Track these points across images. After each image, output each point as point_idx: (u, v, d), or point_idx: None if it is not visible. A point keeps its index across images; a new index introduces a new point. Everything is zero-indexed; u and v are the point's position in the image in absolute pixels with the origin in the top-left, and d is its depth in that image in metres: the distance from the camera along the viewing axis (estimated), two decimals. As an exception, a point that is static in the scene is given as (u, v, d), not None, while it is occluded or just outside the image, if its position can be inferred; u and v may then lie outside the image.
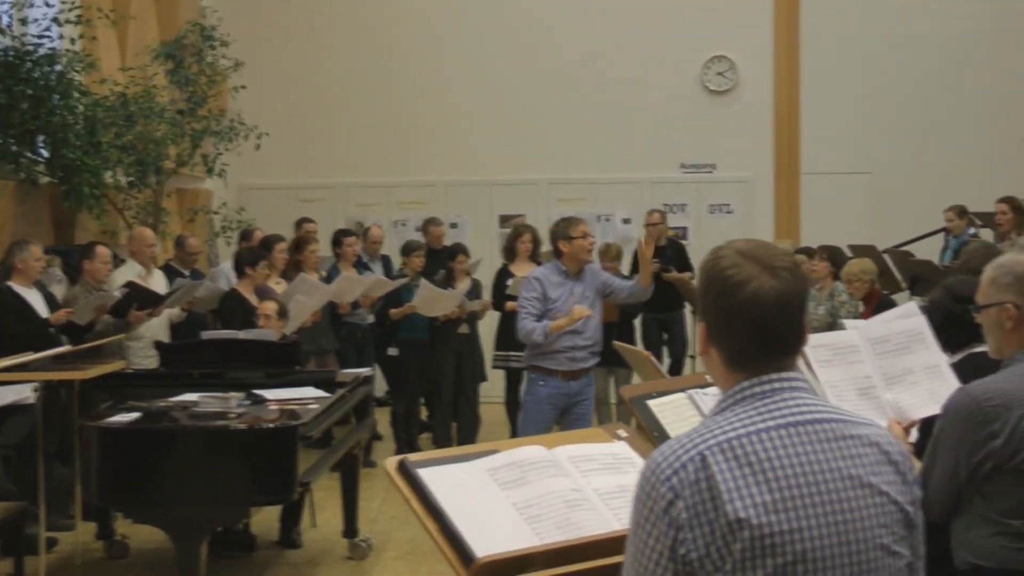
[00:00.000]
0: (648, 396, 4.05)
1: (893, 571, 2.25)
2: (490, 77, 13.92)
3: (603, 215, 13.61)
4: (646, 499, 2.18)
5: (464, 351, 10.53)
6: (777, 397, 2.26)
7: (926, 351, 4.19)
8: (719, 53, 13.82)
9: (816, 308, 9.69)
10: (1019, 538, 3.44)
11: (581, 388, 7.52)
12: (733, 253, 2.31)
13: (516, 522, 2.89)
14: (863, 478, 2.24)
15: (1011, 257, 3.71)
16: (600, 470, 3.13)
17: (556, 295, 7.39)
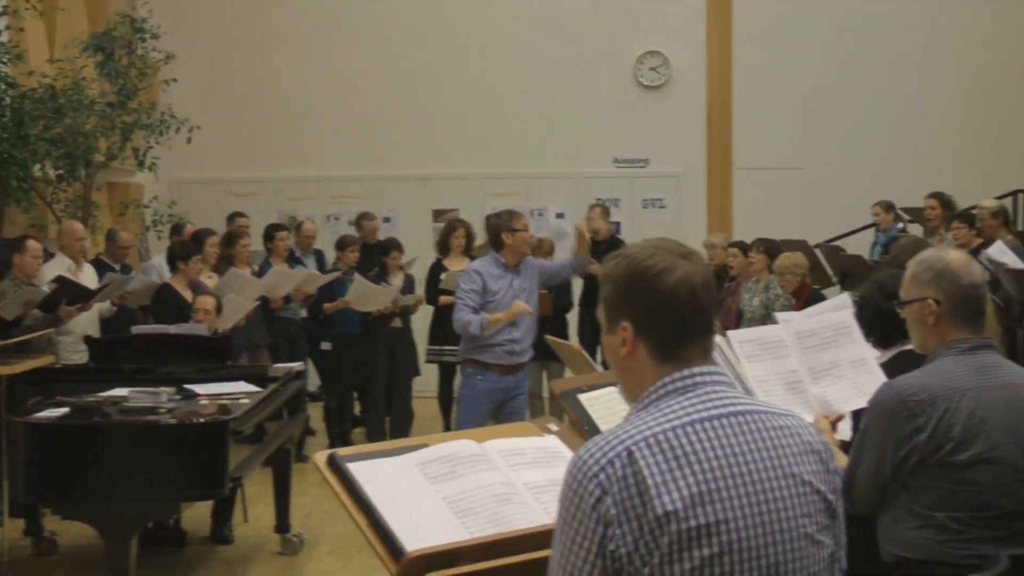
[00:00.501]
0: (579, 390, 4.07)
1: (817, 560, 2.28)
2: (424, 71, 13.89)
3: (536, 210, 13.62)
4: (573, 496, 2.20)
5: (397, 346, 10.52)
6: (700, 391, 2.30)
7: (852, 345, 4.23)
8: (652, 48, 13.89)
9: (751, 300, 9.78)
10: (943, 530, 3.48)
11: (517, 382, 7.54)
12: (645, 247, 2.38)
13: (446, 516, 2.89)
14: (787, 468, 2.28)
15: (932, 253, 3.76)
16: (530, 464, 3.14)
17: (496, 288, 7.39)
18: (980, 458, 3.46)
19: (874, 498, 3.61)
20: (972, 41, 13.61)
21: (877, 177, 13.16)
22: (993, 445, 3.47)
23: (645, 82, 13.94)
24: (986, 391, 3.53)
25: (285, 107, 14.02)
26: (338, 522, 7.84)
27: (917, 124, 13.61)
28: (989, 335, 3.74)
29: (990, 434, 3.48)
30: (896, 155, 13.52)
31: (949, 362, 3.60)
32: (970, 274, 3.63)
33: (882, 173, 13.27)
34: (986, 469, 3.46)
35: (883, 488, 3.57)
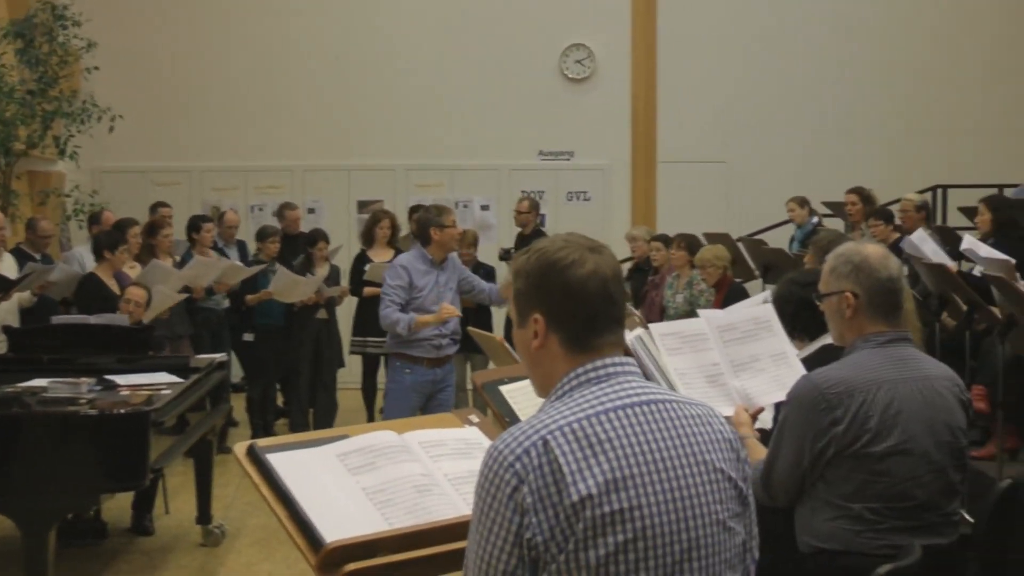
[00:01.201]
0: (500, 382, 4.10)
1: (729, 547, 2.33)
2: (349, 62, 13.83)
3: (461, 201, 13.62)
4: (490, 486, 2.22)
5: (322, 337, 10.48)
6: (613, 380, 2.34)
7: (773, 339, 4.28)
8: (577, 41, 13.93)
9: (675, 297, 9.85)
10: (859, 521, 3.53)
11: (445, 375, 7.60)
12: (555, 241, 2.42)
13: (366, 507, 2.90)
14: (699, 455, 2.32)
15: (850, 247, 3.81)
16: (450, 455, 3.16)
17: (422, 284, 7.40)
18: (895, 449, 3.52)
19: (793, 489, 3.65)
20: (893, 39, 13.79)
21: (800, 172, 13.29)
22: (908, 437, 3.53)
23: (570, 75, 13.98)
24: (902, 383, 3.59)
25: (209, 97, 13.88)
26: (260, 513, 7.81)
27: (840, 119, 13.76)
28: (907, 328, 3.81)
29: (905, 426, 3.54)
30: (818, 150, 13.66)
31: (866, 355, 3.65)
32: (887, 268, 3.68)
33: (805, 168, 13.41)
34: (901, 460, 3.52)
35: (801, 480, 3.62)
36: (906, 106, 13.72)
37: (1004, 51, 13.75)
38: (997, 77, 13.70)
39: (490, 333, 6.46)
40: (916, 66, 13.75)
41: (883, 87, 13.78)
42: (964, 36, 13.80)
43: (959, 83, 13.72)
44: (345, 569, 2.72)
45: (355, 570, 2.73)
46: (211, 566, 7.11)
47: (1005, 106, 13.62)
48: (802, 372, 4.01)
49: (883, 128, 13.68)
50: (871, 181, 11.49)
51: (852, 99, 13.79)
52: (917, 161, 13.29)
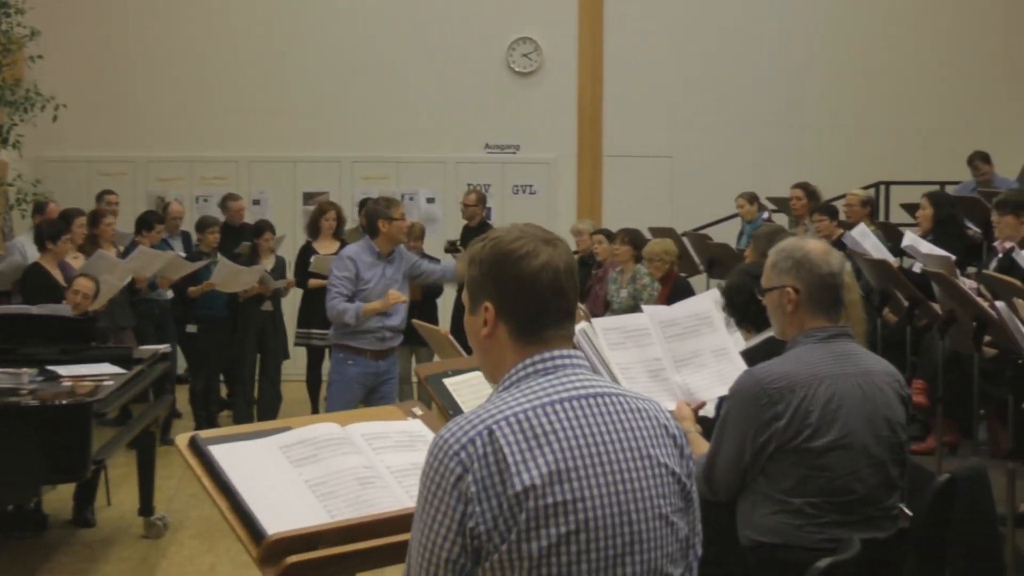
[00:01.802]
0: (444, 375, 4.11)
1: (671, 542, 2.34)
2: (296, 53, 13.77)
3: (407, 194, 13.59)
4: (435, 475, 2.23)
5: (267, 328, 10.43)
6: (560, 373, 2.35)
7: (715, 334, 4.31)
8: (524, 35, 13.94)
9: (619, 292, 9.88)
10: (800, 515, 3.55)
11: (388, 367, 7.57)
12: (511, 231, 2.42)
13: (308, 499, 2.90)
14: (644, 449, 2.33)
15: (792, 242, 3.82)
16: (393, 447, 3.16)
17: (369, 276, 7.37)
18: (836, 444, 3.54)
19: (734, 484, 3.67)
20: (839, 37, 13.92)
21: (745, 167, 13.37)
22: (848, 432, 3.56)
23: (517, 68, 13.99)
24: (843, 379, 3.62)
25: (154, 86, 13.75)
26: (203, 505, 7.77)
27: (785, 115, 13.85)
28: (852, 322, 3.84)
29: (845, 421, 3.56)
30: (764, 146, 13.75)
31: (808, 350, 3.67)
32: (828, 263, 3.70)
33: (750, 163, 13.49)
34: (841, 455, 3.55)
35: (743, 474, 3.63)
36: (851, 103, 13.84)
37: (947, 50, 13.90)
38: (940, 76, 13.85)
39: (435, 326, 6.46)
40: (861, 64, 13.88)
41: (828, 84, 13.90)
42: (909, 35, 13.94)
43: (903, 81, 13.86)
44: (287, 561, 2.71)
45: (297, 562, 2.73)
46: (153, 558, 7.07)
47: (947, 105, 13.77)
48: (743, 367, 4.04)
49: (828, 125, 13.79)
50: (816, 177, 11.58)
51: (798, 95, 13.90)
52: (861, 158, 13.41)
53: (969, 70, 13.84)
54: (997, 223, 7.48)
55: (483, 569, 2.20)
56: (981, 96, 13.77)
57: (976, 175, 11.68)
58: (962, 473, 3.60)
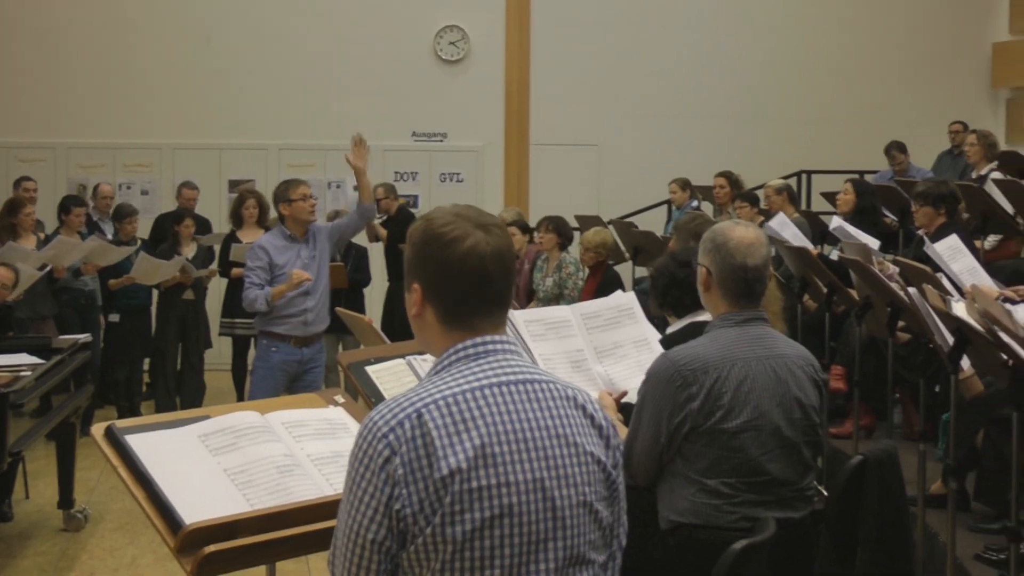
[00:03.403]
0: (367, 362, 4.11)
1: (593, 529, 2.35)
2: (220, 39, 13.64)
3: (334, 182, 13.56)
4: (363, 457, 2.23)
5: (189, 318, 10.36)
6: (491, 358, 2.35)
7: (636, 326, 4.38)
8: (451, 23, 13.93)
9: (544, 280, 9.90)
10: (716, 495, 3.60)
11: (313, 355, 7.48)
12: (445, 214, 2.40)
13: (227, 488, 2.90)
14: (570, 437, 2.34)
15: (723, 226, 3.87)
16: (314, 436, 3.17)
17: (283, 260, 7.30)
18: (748, 425, 3.60)
19: (652, 467, 3.71)
20: (762, 28, 14.05)
21: (670, 155, 13.46)
22: (760, 413, 3.61)
23: (444, 56, 13.98)
24: (756, 361, 3.67)
25: (76, 72, 13.56)
26: (125, 497, 7.64)
27: (710, 105, 13.96)
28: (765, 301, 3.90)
29: (757, 402, 3.62)
30: (689, 135, 13.85)
31: (723, 333, 3.73)
32: (745, 256, 3.73)
33: (675, 152, 13.58)
34: (753, 436, 3.60)
35: (659, 457, 3.67)
36: (773, 93, 13.99)
37: (865, 43, 14.10)
38: (858, 68, 14.03)
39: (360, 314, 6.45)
40: (783, 55, 14.03)
41: (751, 74, 14.02)
42: (828, 28, 14.10)
43: (823, 73, 14.03)
44: (205, 551, 2.71)
45: (215, 552, 2.73)
46: (73, 551, 7.01)
47: (865, 96, 13.96)
48: None
49: (752, 115, 13.93)
50: (740, 166, 11.71)
51: (722, 84, 14.01)
52: (783, 147, 13.57)
53: (886, 62, 14.05)
54: (916, 212, 7.61)
55: (408, 552, 2.21)
56: (897, 87, 13.98)
57: (893, 164, 11.91)
58: (874, 455, 3.67)
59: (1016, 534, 4.09)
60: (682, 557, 3.64)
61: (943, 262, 6.37)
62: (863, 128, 13.43)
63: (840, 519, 3.66)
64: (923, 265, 5.89)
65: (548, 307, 4.70)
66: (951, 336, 4.40)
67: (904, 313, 5.30)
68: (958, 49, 14.09)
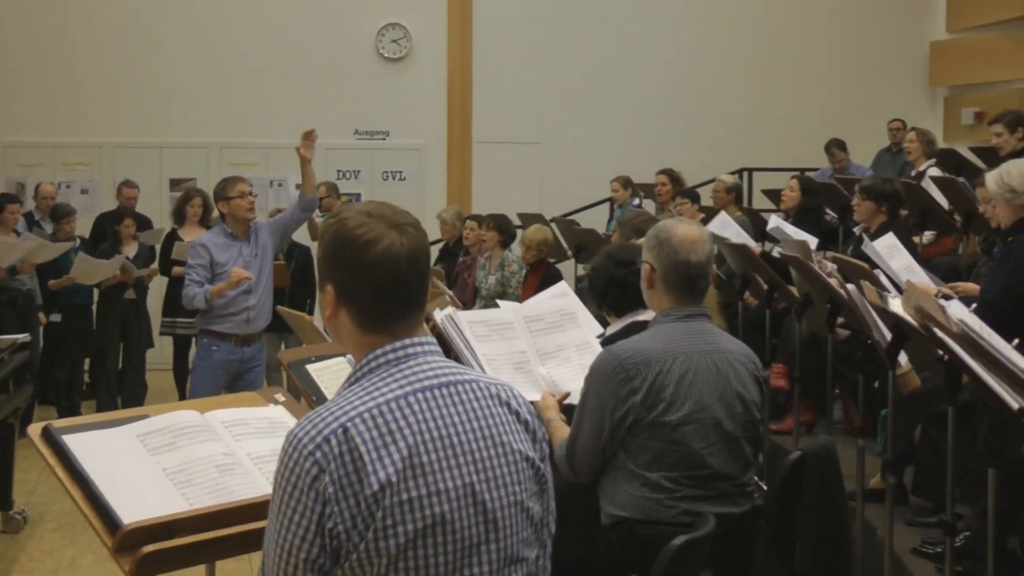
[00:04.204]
0: (308, 360, 4.11)
1: (526, 526, 2.35)
2: (160, 35, 13.53)
3: (276, 180, 13.50)
4: (290, 475, 2.19)
5: (130, 317, 10.29)
6: (412, 362, 2.32)
7: (577, 329, 4.43)
8: (393, 21, 13.90)
9: (486, 278, 9.90)
10: (658, 489, 3.64)
11: (254, 354, 7.44)
12: (358, 214, 2.35)
13: (165, 488, 2.88)
14: (497, 437, 2.33)
15: (667, 223, 3.92)
16: (253, 434, 3.15)
17: (224, 259, 7.25)
18: (689, 419, 3.64)
19: (595, 463, 3.74)
20: (704, 25, 14.14)
21: (614, 153, 13.51)
22: (701, 407, 3.66)
23: (386, 54, 13.95)
24: (697, 355, 3.72)
25: (15, 69, 13.40)
26: (65, 498, 7.54)
27: (652, 103, 14.03)
28: (706, 306, 3.93)
29: (699, 396, 3.67)
30: (631, 133, 13.91)
31: (666, 328, 3.78)
32: (688, 253, 3.78)
33: (618, 150, 13.63)
34: (694, 429, 3.65)
35: (603, 452, 3.71)
36: (715, 91, 14.07)
37: (806, 41, 14.22)
38: (799, 66, 14.15)
39: (301, 312, 6.42)
40: (724, 53, 14.13)
41: (693, 72, 14.11)
42: (770, 25, 14.22)
43: (765, 71, 14.13)
44: (143, 551, 2.69)
45: (153, 551, 2.71)
46: (11, 553, 6.94)
47: (805, 94, 14.09)
48: None
49: (694, 112, 14.00)
50: (682, 164, 11.75)
51: (664, 83, 14.08)
52: (726, 145, 13.66)
53: (826, 60, 14.18)
54: (857, 206, 7.67)
55: (342, 568, 2.18)
56: (838, 85, 14.11)
57: (833, 162, 12.03)
58: (812, 451, 3.70)
59: (951, 528, 4.15)
60: (624, 553, 3.67)
61: (881, 260, 6.43)
62: (804, 126, 13.53)
63: (779, 514, 3.69)
64: (861, 262, 5.95)
65: (492, 309, 4.70)
66: (889, 332, 4.45)
67: (843, 310, 5.36)
68: (897, 48, 14.26)
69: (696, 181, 11.53)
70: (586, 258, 9.96)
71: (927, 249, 8.44)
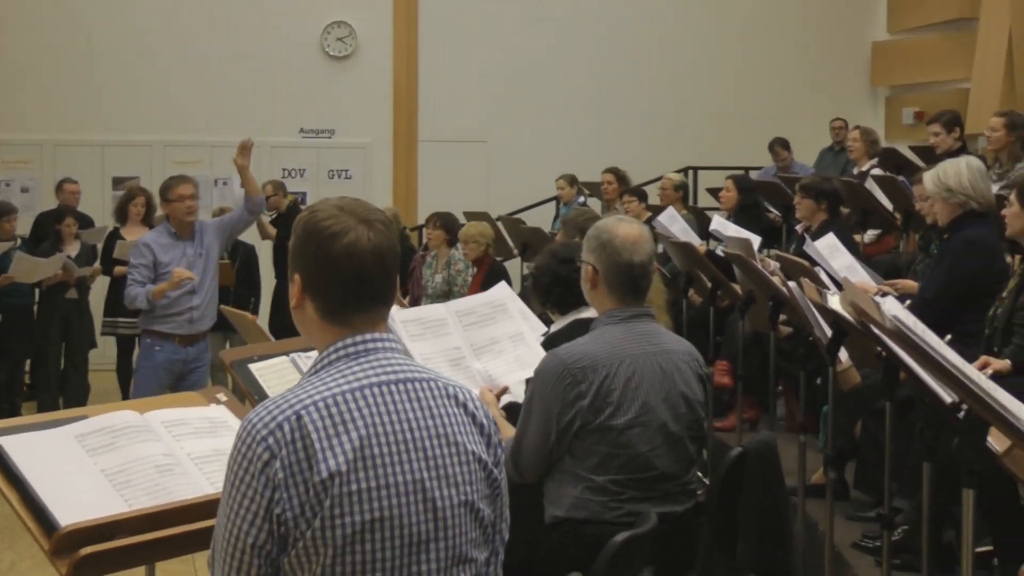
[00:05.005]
0: (250, 360, 4.08)
1: (474, 527, 2.35)
2: (103, 32, 13.42)
3: (220, 179, 13.42)
4: (242, 460, 2.20)
5: (72, 317, 10.19)
6: (371, 356, 2.33)
7: (509, 321, 4.42)
8: (339, 19, 13.87)
9: (433, 276, 9.89)
10: (603, 492, 3.64)
11: (197, 354, 7.38)
12: (329, 207, 2.38)
13: (104, 489, 2.85)
14: (451, 436, 2.33)
15: (607, 223, 3.90)
16: (194, 434, 3.13)
17: (167, 259, 7.18)
18: (636, 422, 3.65)
19: (541, 465, 3.74)
20: (648, 26, 14.20)
21: (559, 152, 13.52)
22: (647, 409, 3.67)
23: (332, 52, 13.91)
24: (643, 357, 3.72)
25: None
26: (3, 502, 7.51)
27: (598, 101, 14.08)
28: (650, 306, 3.94)
29: (645, 398, 3.67)
30: (578, 131, 13.94)
31: (609, 330, 3.77)
32: (632, 253, 3.78)
33: (564, 148, 13.65)
34: (641, 432, 3.65)
35: (549, 455, 3.70)
36: (661, 90, 14.16)
37: (750, 41, 14.33)
38: (744, 66, 14.26)
39: (243, 311, 6.37)
40: (669, 52, 14.21)
41: (639, 71, 14.18)
42: (715, 25, 14.32)
43: (710, 70, 14.23)
44: (80, 553, 2.67)
45: (91, 554, 2.69)
46: (-53, 560, 6.86)
47: (750, 94, 14.19)
48: (540, 351, 4.17)
49: (640, 111, 14.08)
50: (628, 162, 11.79)
51: (610, 81, 14.13)
52: (671, 143, 13.73)
53: (770, 60, 14.30)
54: (798, 204, 7.75)
55: (289, 556, 2.19)
56: (782, 85, 14.22)
57: (776, 161, 12.12)
58: (752, 447, 3.73)
59: (889, 521, 4.20)
60: (567, 552, 3.67)
61: (823, 260, 6.49)
62: (749, 125, 13.62)
63: (721, 511, 3.71)
64: (801, 259, 6.00)
65: (425, 306, 4.70)
66: (829, 329, 4.49)
67: (785, 307, 5.40)
68: (839, 48, 14.39)
69: (641, 179, 11.57)
70: (532, 256, 9.96)
71: (869, 248, 8.53)
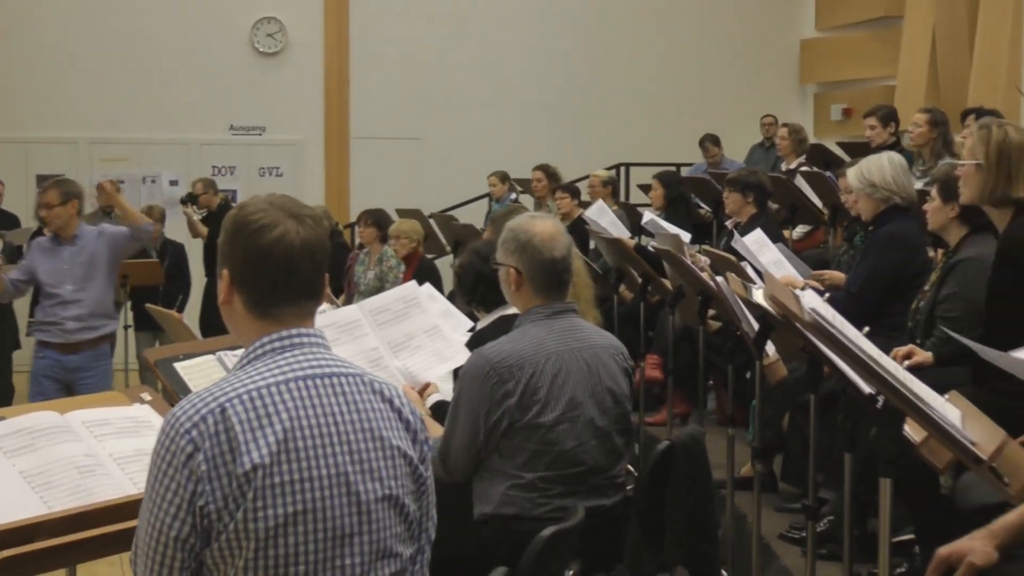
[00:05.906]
0: (175, 359, 4.04)
1: (399, 522, 2.36)
2: (25, 26, 13.24)
3: (149, 176, 13.29)
4: (165, 453, 2.20)
5: (-5, 317, 10.05)
6: (298, 351, 2.33)
7: (423, 315, 4.41)
8: (269, 14, 13.78)
9: (365, 273, 9.86)
10: (531, 489, 3.66)
11: (84, 362, 7.11)
12: (259, 202, 2.39)
13: (23, 491, 2.82)
14: (376, 431, 2.34)
15: (520, 223, 3.89)
16: (116, 434, 3.10)
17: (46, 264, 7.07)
18: (563, 418, 3.66)
19: (470, 464, 3.74)
20: (581, 24, 14.29)
21: (491, 149, 13.53)
22: (574, 405, 3.68)
23: (261, 48, 13.82)
24: (568, 353, 3.73)
25: None
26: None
27: (530, 98, 14.13)
28: (577, 290, 3.95)
29: (572, 394, 3.68)
30: (510, 128, 13.97)
31: (534, 328, 3.77)
32: (551, 249, 3.78)
33: (496, 145, 13.66)
34: (568, 428, 3.66)
35: (477, 454, 3.71)
36: (592, 86, 14.24)
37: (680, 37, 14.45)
38: (675, 63, 14.38)
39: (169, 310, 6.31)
40: (600, 48, 14.30)
41: (570, 67, 14.25)
42: (645, 21, 14.41)
43: (640, 67, 14.32)
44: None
45: (10, 557, 2.65)
46: None
47: (681, 90, 14.30)
48: (458, 341, 4.24)
49: (572, 108, 14.14)
50: (561, 159, 11.83)
51: (541, 78, 14.18)
52: (603, 140, 13.81)
53: (700, 57, 14.43)
54: (726, 198, 7.83)
55: (211, 549, 2.19)
56: (711, 82, 14.35)
57: (707, 157, 12.21)
58: (680, 440, 3.75)
59: (814, 512, 4.24)
60: (495, 548, 3.67)
61: (751, 255, 6.54)
62: (680, 121, 13.71)
63: (648, 504, 3.73)
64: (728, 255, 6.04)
65: (337, 310, 4.68)
66: (756, 323, 4.52)
67: (713, 301, 5.43)
68: (768, 45, 14.54)
69: (573, 176, 11.60)
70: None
71: (798, 244, 8.62)
